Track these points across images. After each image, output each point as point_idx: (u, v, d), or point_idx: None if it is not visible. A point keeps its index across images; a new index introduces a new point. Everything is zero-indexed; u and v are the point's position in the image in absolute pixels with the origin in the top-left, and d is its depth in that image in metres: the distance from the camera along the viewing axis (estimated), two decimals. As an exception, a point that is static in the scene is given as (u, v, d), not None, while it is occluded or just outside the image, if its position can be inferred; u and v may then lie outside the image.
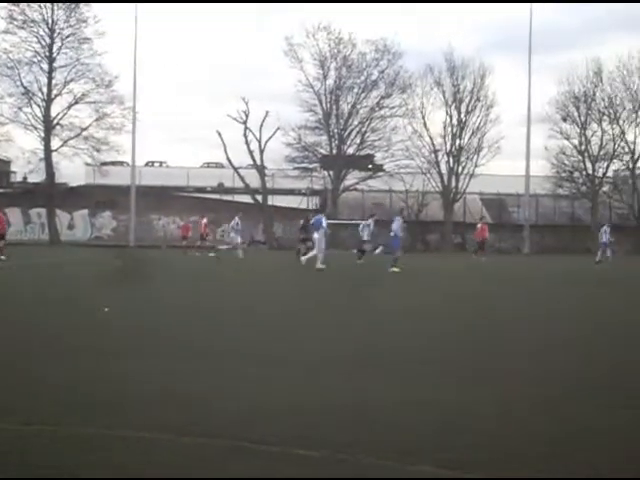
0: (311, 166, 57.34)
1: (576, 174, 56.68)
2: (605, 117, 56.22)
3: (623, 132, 56.14)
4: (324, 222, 25.71)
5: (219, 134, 55.12)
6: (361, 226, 31.71)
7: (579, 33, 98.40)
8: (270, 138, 55.43)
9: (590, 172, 56.28)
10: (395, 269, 23.47)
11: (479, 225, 40.41)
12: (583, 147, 56.30)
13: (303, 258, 26.39)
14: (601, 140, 56.20)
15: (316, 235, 25.50)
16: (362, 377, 6.49)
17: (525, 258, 45.46)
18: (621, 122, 56.09)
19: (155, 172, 59.31)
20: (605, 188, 57.71)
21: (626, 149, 56.27)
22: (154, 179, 56.31)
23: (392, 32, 57.22)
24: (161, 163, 63.76)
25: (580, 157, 56.39)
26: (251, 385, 6.11)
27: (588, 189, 56.30)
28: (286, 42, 56.05)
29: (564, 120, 56.25)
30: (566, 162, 56.46)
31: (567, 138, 56.35)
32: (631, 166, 56.43)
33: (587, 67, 56.11)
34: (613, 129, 56.23)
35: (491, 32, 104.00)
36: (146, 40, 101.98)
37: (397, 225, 25.53)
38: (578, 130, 56.30)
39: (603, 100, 56.22)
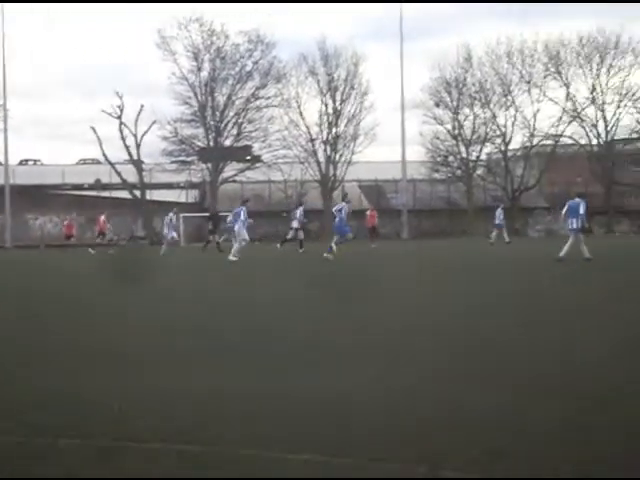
0: (189, 159, 58.96)
1: (451, 158, 59.51)
2: (476, 102, 59.12)
3: (494, 116, 59.21)
4: (242, 214, 26.09)
5: (93, 130, 56.53)
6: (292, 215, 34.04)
7: (449, 20, 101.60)
8: (146, 132, 56.92)
9: (464, 156, 59.12)
10: (330, 256, 24.24)
11: (368, 212, 42.40)
12: (456, 131, 59.10)
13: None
14: (473, 124, 59.16)
15: (236, 227, 26.15)
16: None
17: (409, 243, 46.71)
18: (492, 106, 59.10)
19: (29, 170, 60.02)
20: (479, 171, 60.86)
21: (497, 132, 59.37)
22: (29, 178, 56.99)
23: (265, 22, 59.47)
24: (35, 161, 64.63)
25: (454, 141, 59.17)
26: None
27: (463, 173, 59.19)
28: (158, 35, 57.58)
29: (437, 105, 59.06)
30: (441, 147, 59.22)
31: (441, 123, 59.17)
32: (503, 149, 59.53)
33: (458, 53, 59.12)
34: (485, 113, 59.26)
35: (363, 20, 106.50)
36: (15, 37, 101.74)
37: (344, 211, 26.85)
38: (451, 115, 59.12)
39: (474, 85, 59.11)
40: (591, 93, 59.63)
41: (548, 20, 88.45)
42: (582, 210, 21.00)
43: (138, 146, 57.11)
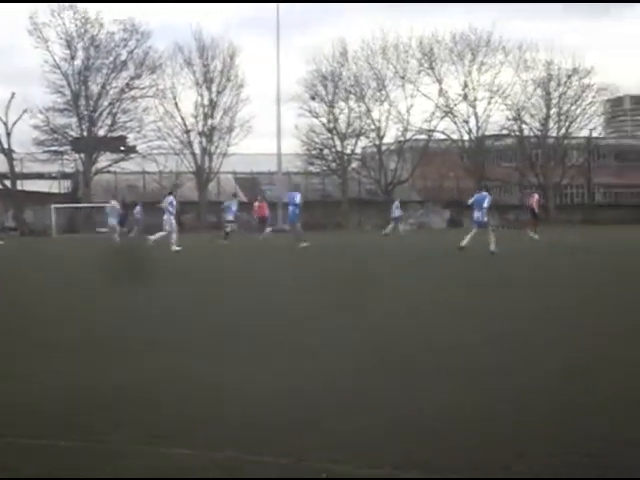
0: (61, 149, 60.14)
1: (326, 151, 62.29)
2: (352, 95, 61.94)
3: (369, 110, 62.23)
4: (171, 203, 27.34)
5: (-40, 118, 57.52)
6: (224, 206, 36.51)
7: (326, 13, 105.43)
8: (17, 121, 57.86)
9: (339, 149, 62.09)
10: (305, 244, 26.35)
11: (256, 203, 44.16)
12: (332, 125, 61.87)
13: (152, 238, 27.60)
14: (348, 118, 61.99)
15: (165, 216, 27.16)
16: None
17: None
18: (367, 100, 62.08)
19: None
20: (354, 164, 64.09)
21: (372, 126, 62.32)
22: None
23: (140, 12, 61.18)
24: None
25: (329, 134, 61.88)
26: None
27: (338, 166, 62.13)
28: (30, 21, 58.59)
29: (313, 99, 61.76)
30: (316, 140, 61.93)
31: (316, 116, 61.75)
32: (377, 143, 62.75)
33: (334, 47, 61.99)
34: (359, 107, 62.14)
35: (240, 12, 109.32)
36: None
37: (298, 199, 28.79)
38: (326, 108, 61.80)
39: (349, 79, 61.95)
40: (463, 89, 63.33)
41: (422, 17, 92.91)
42: (486, 204, 22.55)
43: (8, 135, 58.06)
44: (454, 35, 62.81)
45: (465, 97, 63.61)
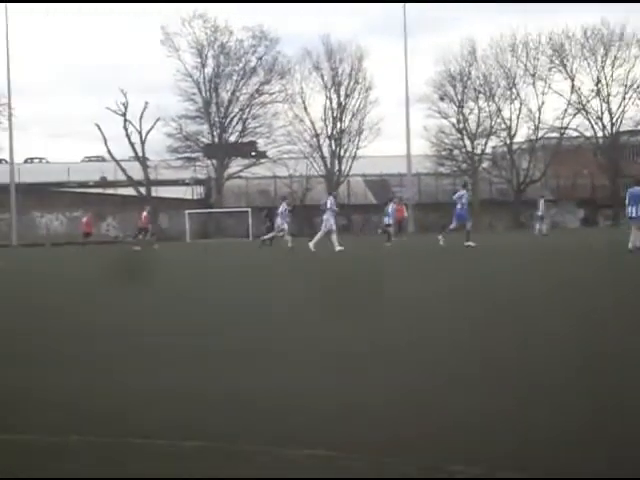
0: (194, 155, 62.25)
1: (456, 152, 62.75)
2: (481, 95, 62.37)
3: (499, 109, 62.52)
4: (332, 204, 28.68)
5: (98, 127, 59.93)
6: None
7: (454, 13, 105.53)
8: (151, 129, 60.13)
9: (469, 149, 62.44)
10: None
11: (395, 205, 44.08)
12: (461, 125, 62.31)
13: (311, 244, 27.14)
14: (478, 118, 62.37)
15: (325, 216, 27.82)
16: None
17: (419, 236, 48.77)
18: (496, 99, 62.36)
19: (35, 168, 63.42)
20: (485, 164, 64.41)
21: (502, 125, 62.54)
22: (34, 176, 60.19)
23: (269, 18, 62.98)
24: (41, 159, 68.26)
25: (459, 135, 62.40)
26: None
27: (468, 166, 62.53)
28: (162, 31, 60.96)
29: (442, 99, 62.35)
30: (446, 140, 62.46)
31: (445, 117, 62.27)
32: (508, 142, 62.78)
33: (462, 46, 62.49)
34: (489, 106, 62.45)
35: (367, 15, 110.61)
36: (18, 34, 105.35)
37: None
38: (456, 109, 62.32)
39: (478, 78, 62.34)
40: (596, 85, 62.85)
41: (552, 13, 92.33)
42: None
43: (143, 143, 60.51)
44: (585, 30, 62.54)
45: (598, 93, 63.18)
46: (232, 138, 62.17)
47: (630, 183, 23.29)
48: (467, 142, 62.55)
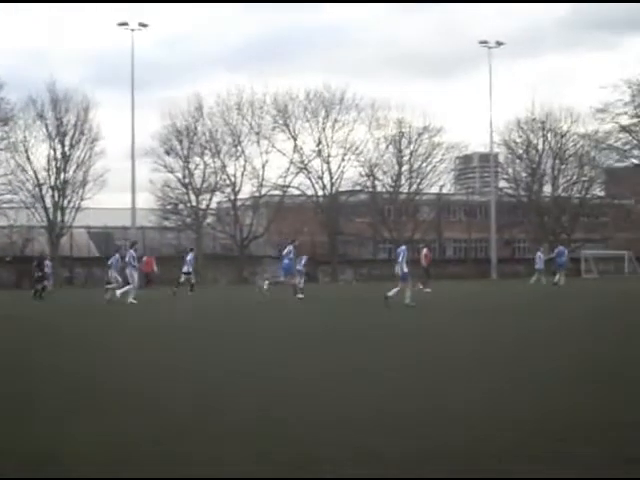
0: None
1: (181, 206, 66.62)
2: (207, 151, 66.57)
3: (224, 165, 66.68)
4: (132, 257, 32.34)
5: None
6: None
7: (182, 69, 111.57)
8: None
9: (194, 204, 66.77)
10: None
11: (145, 258, 48.22)
12: (187, 180, 65.88)
13: (118, 292, 31.41)
14: (204, 173, 66.18)
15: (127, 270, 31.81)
16: None
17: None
18: (222, 156, 66.67)
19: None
20: (209, 220, 69.21)
21: (227, 182, 66.85)
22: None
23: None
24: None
25: (184, 189, 66.22)
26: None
27: (193, 221, 66.92)
28: None
29: (167, 153, 66.26)
30: (171, 194, 65.87)
31: (171, 171, 65.62)
32: (232, 198, 67.93)
33: (189, 102, 67.08)
34: (215, 162, 66.54)
35: (95, 65, 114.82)
36: None
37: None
38: (182, 163, 66.37)
39: (204, 134, 66.85)
40: (317, 146, 69.02)
41: (277, 75, 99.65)
42: (400, 258, 26.07)
43: None
44: (308, 92, 68.88)
45: (319, 153, 69.39)
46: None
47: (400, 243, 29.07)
48: (192, 197, 66.54)
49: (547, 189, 76.96)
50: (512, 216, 75.02)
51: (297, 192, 69.88)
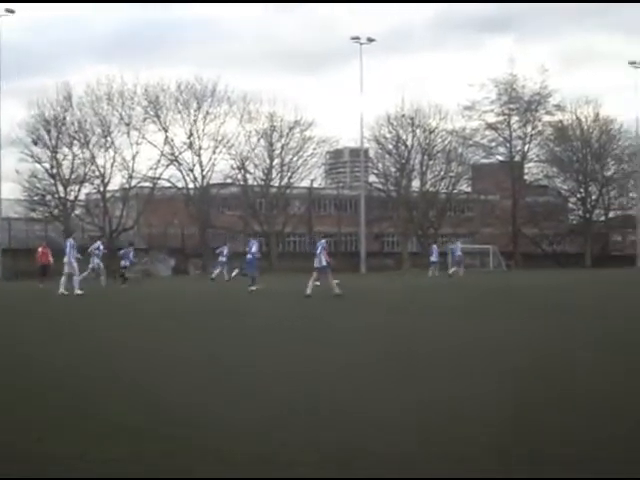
0: None
1: (48, 197, 67.18)
2: (76, 141, 67.24)
3: (93, 156, 67.40)
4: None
5: None
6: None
7: (49, 58, 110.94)
8: None
9: (62, 195, 67.24)
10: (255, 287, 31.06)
11: (40, 249, 47.58)
12: (55, 171, 66.47)
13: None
14: (72, 164, 66.72)
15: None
16: None
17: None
18: (91, 146, 67.45)
19: None
20: (77, 211, 69.74)
21: (97, 173, 67.47)
22: None
23: None
24: None
25: (52, 180, 66.75)
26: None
27: (61, 212, 67.34)
28: None
29: (35, 144, 66.52)
30: (38, 185, 65.97)
31: (39, 162, 66.00)
32: (102, 189, 68.70)
33: (57, 91, 67.04)
34: (84, 153, 67.13)
35: None
36: None
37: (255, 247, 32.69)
38: (49, 154, 66.81)
39: (73, 124, 67.40)
40: (188, 138, 70.40)
41: (148, 66, 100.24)
42: (319, 250, 27.48)
43: None
44: (180, 84, 70.12)
45: (190, 146, 70.70)
46: None
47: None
48: (60, 188, 66.88)
49: (416, 184, 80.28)
50: (381, 210, 77.93)
51: (168, 184, 71.03)
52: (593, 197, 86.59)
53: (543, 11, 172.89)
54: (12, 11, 62.46)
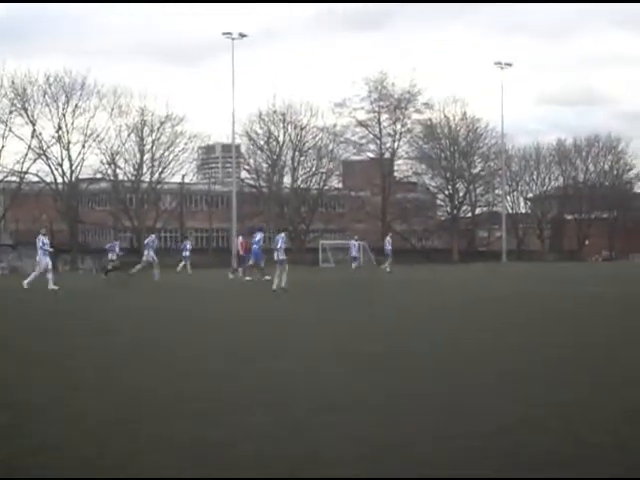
0: None
1: None
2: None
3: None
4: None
5: None
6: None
7: None
8: None
9: None
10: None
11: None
12: None
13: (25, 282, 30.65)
14: None
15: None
16: None
17: None
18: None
19: None
20: None
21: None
22: None
23: None
24: None
25: None
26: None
27: None
28: None
29: None
30: None
31: None
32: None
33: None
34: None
35: None
36: None
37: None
38: None
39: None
40: (57, 132, 71.34)
41: (16, 58, 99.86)
42: (279, 245, 28.45)
43: None
44: (48, 77, 70.99)
45: (59, 139, 71.74)
46: None
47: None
48: None
49: (287, 180, 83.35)
50: (253, 206, 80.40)
51: (36, 179, 71.79)
52: (460, 194, 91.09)
53: (415, 11, 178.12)
54: None
